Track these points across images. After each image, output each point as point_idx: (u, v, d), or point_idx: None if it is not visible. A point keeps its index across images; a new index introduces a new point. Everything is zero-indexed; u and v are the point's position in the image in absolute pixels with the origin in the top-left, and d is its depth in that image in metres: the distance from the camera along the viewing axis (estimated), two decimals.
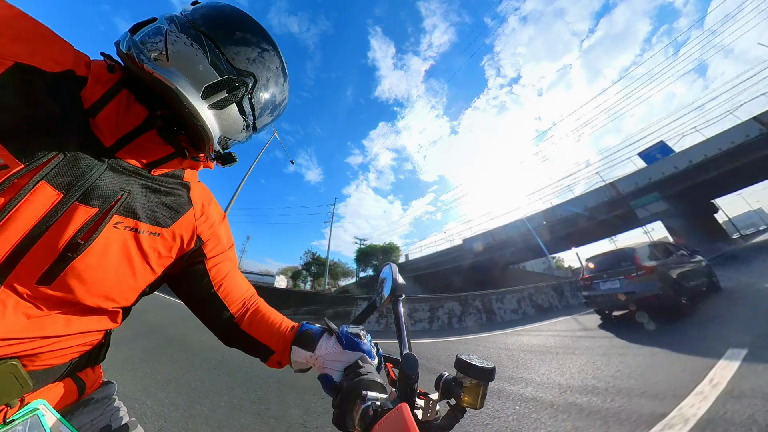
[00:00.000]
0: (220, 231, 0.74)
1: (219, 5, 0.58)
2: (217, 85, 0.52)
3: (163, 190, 0.59)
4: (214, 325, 0.73)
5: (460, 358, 0.55)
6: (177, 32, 0.51)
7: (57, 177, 0.45)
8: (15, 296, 0.44)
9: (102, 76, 0.52)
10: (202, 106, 0.51)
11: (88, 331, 0.53)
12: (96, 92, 0.50)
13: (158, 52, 0.48)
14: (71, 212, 0.46)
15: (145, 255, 0.56)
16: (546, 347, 4.87)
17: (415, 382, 0.55)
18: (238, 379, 3.53)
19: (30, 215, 0.43)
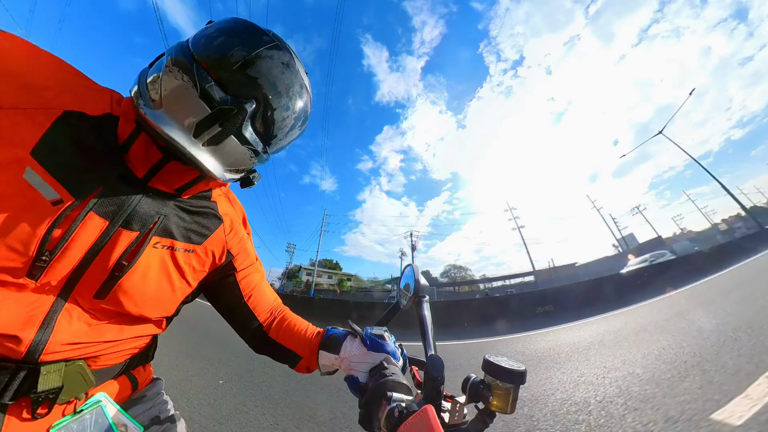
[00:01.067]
0: (247, 245, 0.78)
1: (223, 22, 0.55)
2: (207, 121, 0.48)
3: (193, 211, 0.64)
4: (245, 333, 0.77)
5: (488, 360, 0.53)
6: (171, 66, 0.48)
7: (103, 207, 0.50)
8: (78, 308, 0.51)
9: (129, 113, 0.54)
10: (194, 147, 0.48)
11: (137, 336, 0.60)
12: (126, 130, 0.54)
13: (155, 92, 0.47)
14: (116, 237, 0.52)
15: (181, 270, 0.62)
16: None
17: (441, 384, 0.54)
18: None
19: (84, 242, 0.49)
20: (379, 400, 0.52)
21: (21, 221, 0.44)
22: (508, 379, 0.50)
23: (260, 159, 0.60)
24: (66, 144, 0.48)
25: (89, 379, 0.53)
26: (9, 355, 0.45)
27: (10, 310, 0.45)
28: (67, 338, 0.49)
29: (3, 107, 0.44)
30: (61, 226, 0.46)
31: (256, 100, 0.51)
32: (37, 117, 0.46)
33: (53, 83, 0.49)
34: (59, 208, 0.46)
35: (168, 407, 0.71)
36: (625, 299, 8.51)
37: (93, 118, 0.51)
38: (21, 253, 0.44)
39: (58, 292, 0.49)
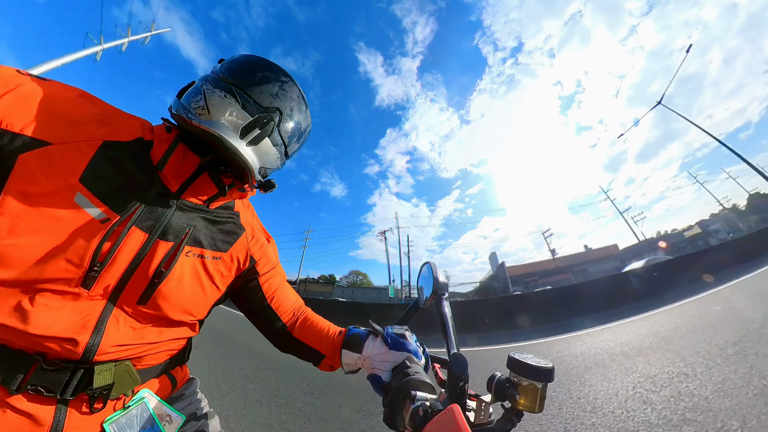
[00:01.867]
0: (269, 250, 0.84)
1: (239, 57, 0.66)
2: (251, 125, 0.59)
3: (219, 221, 0.70)
4: (269, 333, 0.82)
5: (513, 358, 0.52)
6: (212, 88, 0.59)
7: (142, 222, 0.56)
8: (124, 314, 0.57)
9: (163, 136, 0.63)
10: (241, 145, 0.58)
11: (175, 339, 0.66)
12: (160, 150, 0.62)
13: (200, 108, 0.57)
14: (155, 248, 0.58)
15: (211, 276, 0.68)
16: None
17: (465, 382, 0.53)
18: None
19: (128, 253, 0.55)
20: (403, 399, 0.52)
21: (76, 238, 0.50)
22: (536, 377, 0.48)
23: (282, 161, 0.71)
24: (107, 169, 0.55)
25: (135, 378, 0.59)
26: (68, 357, 0.51)
27: (68, 317, 0.50)
28: (115, 340, 0.55)
29: (55, 143, 0.51)
30: (109, 240, 0.52)
31: (279, 112, 0.64)
32: (82, 148, 0.53)
33: (92, 118, 0.56)
34: (107, 225, 0.52)
35: (203, 404, 0.76)
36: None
37: (127, 144, 0.59)
38: (77, 265, 0.50)
39: (107, 299, 0.55)
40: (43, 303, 0.49)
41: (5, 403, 0.48)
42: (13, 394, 0.48)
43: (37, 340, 0.48)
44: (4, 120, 0.47)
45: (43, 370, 0.49)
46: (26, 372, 0.49)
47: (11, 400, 0.48)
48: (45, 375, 0.50)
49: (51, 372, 0.50)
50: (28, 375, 0.49)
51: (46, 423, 0.50)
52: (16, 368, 0.48)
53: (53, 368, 0.50)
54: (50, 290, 0.49)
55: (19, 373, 0.48)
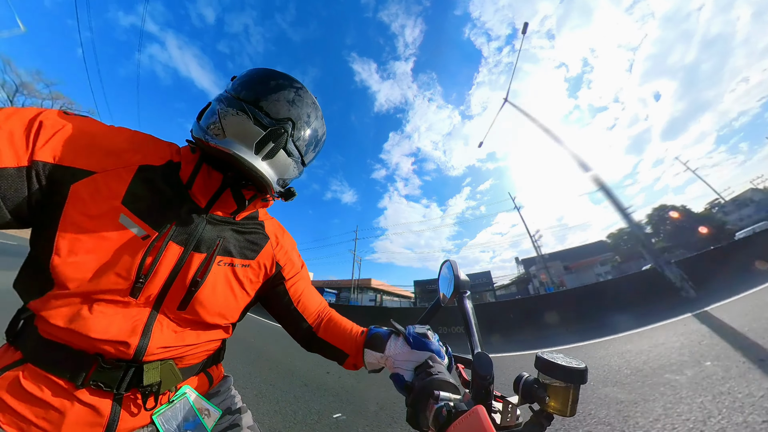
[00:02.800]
0: (293, 256, 0.88)
1: (249, 72, 0.67)
2: (264, 139, 0.60)
3: (246, 231, 0.75)
4: (296, 334, 0.86)
5: (542, 358, 0.49)
6: (225, 108, 0.61)
7: (178, 236, 0.62)
8: (167, 319, 0.62)
9: (188, 157, 0.68)
10: (257, 161, 0.60)
11: (211, 340, 0.71)
12: (187, 170, 0.67)
13: (216, 128, 0.59)
14: (190, 259, 0.63)
15: (241, 283, 0.72)
16: None
17: (491, 383, 0.51)
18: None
19: (167, 265, 0.61)
20: (426, 399, 0.51)
21: (123, 254, 0.56)
22: (567, 378, 0.45)
23: (299, 170, 0.73)
24: (144, 191, 0.60)
25: (178, 376, 0.65)
26: (122, 357, 0.57)
27: (120, 322, 0.57)
28: (160, 343, 0.61)
29: (99, 172, 0.57)
30: (150, 255, 0.58)
31: (291, 122, 0.64)
32: (122, 174, 0.59)
33: (128, 146, 0.62)
34: (147, 242, 0.58)
35: (236, 400, 0.81)
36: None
37: (159, 167, 0.64)
38: (125, 278, 0.56)
39: (151, 306, 0.60)
40: (99, 311, 0.55)
41: (73, 396, 0.54)
42: (79, 388, 0.55)
43: (95, 343, 0.55)
44: (57, 157, 0.53)
45: (101, 369, 0.56)
46: (88, 370, 0.56)
47: (78, 393, 0.55)
48: (103, 373, 0.56)
49: (108, 370, 0.57)
50: (89, 373, 0.56)
51: (106, 414, 0.57)
52: (80, 367, 0.55)
53: (110, 367, 0.57)
54: (104, 300, 0.56)
55: (82, 371, 0.55)
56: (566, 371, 0.45)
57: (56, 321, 0.53)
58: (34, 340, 0.56)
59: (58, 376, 0.54)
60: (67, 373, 0.55)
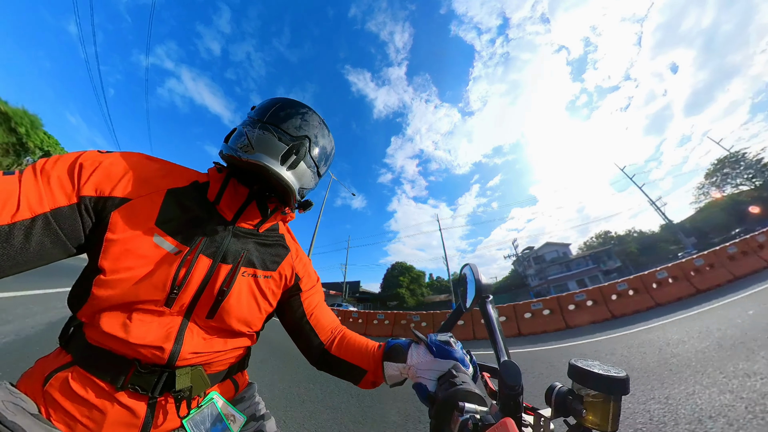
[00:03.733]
0: (310, 269, 0.91)
1: (267, 101, 0.77)
2: (288, 152, 0.68)
3: (268, 243, 0.79)
4: (306, 349, 0.86)
5: (575, 366, 0.45)
6: (251, 129, 0.69)
7: (207, 249, 0.67)
8: (197, 327, 0.66)
9: (215, 176, 0.75)
10: (282, 170, 0.67)
11: (236, 348, 0.74)
12: (215, 188, 0.73)
13: (246, 146, 0.67)
14: (218, 270, 0.68)
15: (263, 293, 0.76)
16: None
17: (519, 394, 0.48)
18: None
19: (198, 277, 0.65)
20: (451, 411, 0.48)
21: (158, 269, 0.61)
22: (605, 389, 0.41)
23: (315, 181, 0.79)
24: (174, 211, 0.66)
25: (206, 381, 0.68)
26: (157, 362, 0.62)
27: (156, 330, 0.61)
28: (191, 349, 0.64)
29: (134, 198, 0.63)
30: (183, 267, 0.63)
31: (308, 139, 0.73)
32: (153, 198, 0.65)
33: (156, 173, 0.68)
34: (180, 256, 0.63)
35: (261, 407, 0.83)
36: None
37: (186, 188, 0.71)
38: (161, 289, 0.61)
39: (183, 315, 0.65)
40: (139, 319, 0.60)
41: (113, 397, 0.59)
42: (118, 391, 0.59)
43: (134, 348, 0.59)
44: (98, 189, 0.60)
45: (138, 373, 0.60)
46: (127, 374, 0.60)
47: (117, 395, 0.59)
48: (140, 377, 0.61)
49: (144, 374, 0.61)
50: (128, 376, 0.60)
51: (141, 416, 0.60)
52: (120, 370, 0.60)
53: (146, 371, 0.61)
54: (143, 309, 0.61)
55: (122, 374, 0.60)
56: (605, 381, 0.41)
57: (101, 328, 0.58)
58: (82, 346, 0.62)
59: (101, 379, 0.59)
60: (109, 376, 0.59)
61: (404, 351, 0.70)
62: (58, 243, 0.55)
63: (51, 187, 0.55)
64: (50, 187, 0.55)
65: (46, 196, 0.54)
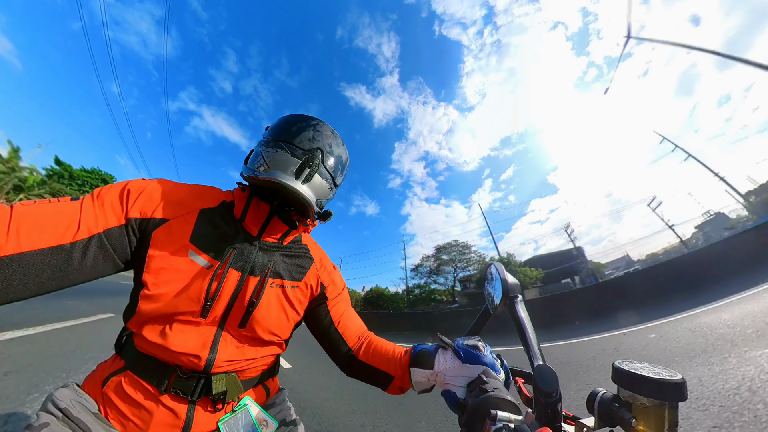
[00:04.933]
0: (335, 277, 0.92)
1: (279, 120, 0.79)
2: (301, 166, 0.69)
3: (292, 255, 0.82)
4: (336, 357, 0.87)
5: (620, 369, 0.40)
6: (266, 149, 0.72)
7: (236, 263, 0.70)
8: (230, 336, 0.70)
9: (240, 195, 0.78)
10: (297, 184, 0.68)
11: (267, 355, 0.77)
12: (240, 206, 0.76)
13: (262, 165, 0.69)
14: (247, 282, 0.71)
15: (291, 302, 0.78)
16: None
17: (557, 401, 0.44)
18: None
19: (229, 289, 0.69)
20: (482, 419, 0.45)
21: (194, 283, 0.66)
22: (657, 395, 0.36)
23: (332, 191, 0.80)
24: (206, 229, 0.70)
25: (240, 387, 0.71)
26: (195, 368, 0.66)
27: (194, 339, 0.66)
28: (225, 356, 0.68)
29: (171, 218, 0.68)
30: (215, 281, 0.67)
31: (320, 151, 0.73)
32: (188, 218, 0.70)
33: (189, 196, 0.73)
34: (212, 270, 0.67)
35: (291, 412, 0.84)
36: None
37: (215, 208, 0.75)
38: (196, 301, 0.65)
39: (217, 325, 0.69)
40: (178, 329, 0.65)
41: (159, 400, 0.64)
42: (163, 394, 0.65)
43: (175, 355, 0.64)
44: (142, 211, 0.66)
45: (180, 378, 0.65)
46: (170, 379, 0.65)
47: (162, 398, 0.64)
48: (181, 382, 0.66)
49: (184, 379, 0.66)
50: (171, 381, 0.65)
51: (182, 417, 0.65)
52: (163, 375, 0.65)
53: (186, 377, 0.66)
54: (181, 320, 0.66)
55: (165, 379, 0.65)
56: (657, 385, 0.36)
57: (147, 337, 0.64)
58: (132, 353, 0.68)
59: (148, 383, 0.65)
60: (154, 380, 0.65)
61: (431, 357, 0.67)
62: (109, 259, 0.62)
63: (104, 211, 0.62)
64: (104, 211, 0.62)
65: (100, 218, 0.61)
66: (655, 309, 6.46)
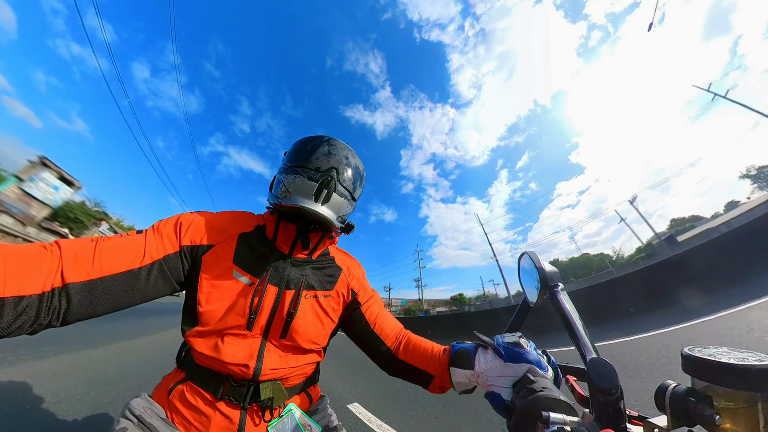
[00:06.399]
0: (365, 282, 0.96)
1: (294, 145, 0.83)
2: (319, 189, 0.73)
3: (322, 267, 0.87)
4: (376, 358, 0.88)
5: (691, 356, 0.34)
6: (285, 175, 0.78)
7: (273, 279, 0.77)
8: (273, 346, 0.76)
9: (269, 219, 0.85)
10: (317, 207, 0.72)
11: (308, 363, 0.82)
12: (271, 229, 0.83)
13: (284, 192, 0.75)
14: (284, 296, 0.77)
15: (325, 311, 0.84)
16: None
17: (619, 399, 0.38)
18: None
19: (269, 303, 0.75)
20: (533, 422, 0.41)
21: (239, 299, 0.73)
22: (745, 384, 0.30)
23: (352, 206, 0.84)
24: (245, 251, 0.78)
25: (285, 393, 0.76)
26: (245, 377, 0.72)
27: (242, 350, 0.72)
28: (270, 365, 0.73)
29: (216, 244, 0.76)
30: (257, 296, 0.73)
31: (335, 169, 0.76)
32: (229, 243, 0.77)
33: (230, 223, 0.81)
34: (253, 287, 0.74)
35: (333, 418, 0.87)
36: None
37: (252, 231, 0.82)
38: (242, 315, 0.72)
39: (261, 336, 0.75)
40: (228, 342, 0.72)
41: (215, 406, 0.71)
42: (219, 401, 0.71)
43: (227, 366, 0.71)
44: (192, 240, 0.74)
45: (232, 387, 0.72)
46: (223, 387, 0.71)
47: (218, 405, 0.71)
48: (233, 390, 0.72)
49: (236, 388, 0.72)
50: (224, 389, 0.71)
51: (236, 422, 0.71)
52: (218, 384, 0.72)
53: (237, 385, 0.72)
54: (231, 333, 0.73)
55: (220, 387, 0.72)
56: (747, 374, 0.30)
57: (202, 350, 0.72)
58: (192, 365, 0.76)
59: (206, 391, 0.72)
60: (211, 388, 0.72)
61: (470, 356, 0.64)
62: (167, 281, 0.71)
63: (163, 240, 0.72)
64: (162, 241, 0.71)
65: (160, 246, 0.70)
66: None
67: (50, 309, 0.52)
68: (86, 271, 0.56)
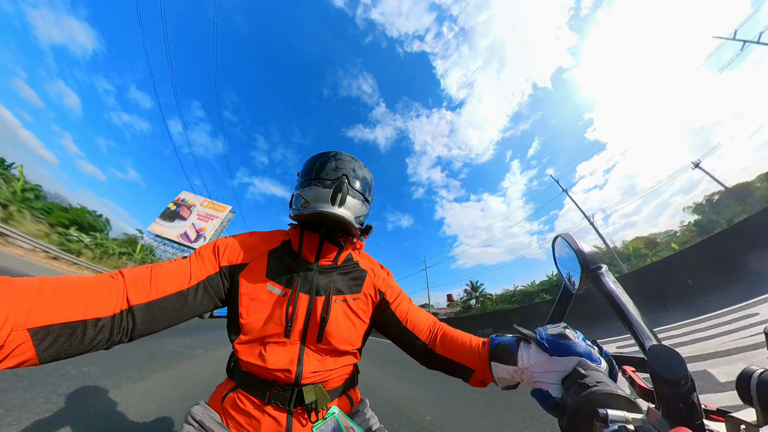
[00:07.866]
0: (391, 282, 0.98)
1: (305, 164, 0.90)
2: (334, 193, 0.78)
3: (347, 271, 0.91)
4: (414, 353, 0.88)
5: None
6: (301, 189, 0.84)
7: (303, 288, 0.82)
8: (311, 350, 0.80)
9: (293, 233, 0.91)
10: (335, 209, 0.77)
11: (345, 365, 0.85)
12: (296, 241, 0.88)
13: (303, 204, 0.81)
14: (316, 302, 0.82)
15: (356, 313, 0.87)
16: None
17: (691, 391, 0.33)
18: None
19: (302, 311, 0.80)
20: (589, 421, 0.38)
21: (275, 309, 0.78)
22: None
23: (366, 207, 0.88)
24: (276, 265, 0.84)
25: (326, 396, 0.78)
26: (288, 382, 0.76)
27: (284, 356, 0.77)
28: (310, 369, 0.77)
29: (250, 262, 0.83)
30: (290, 305, 0.78)
31: (346, 176, 0.82)
32: (261, 259, 0.84)
33: (260, 242, 0.88)
34: (287, 297, 0.79)
35: (374, 421, 0.88)
36: None
37: (279, 246, 0.88)
38: (279, 324, 0.77)
39: (299, 342, 0.79)
40: (270, 349, 0.77)
41: (264, 410, 0.75)
42: (266, 405, 0.76)
43: (271, 372, 0.75)
44: (229, 260, 0.81)
45: (277, 391, 0.76)
46: (270, 392, 0.76)
47: (267, 409, 0.75)
48: (279, 394, 0.76)
49: (281, 392, 0.76)
50: (270, 394, 0.76)
51: (283, 425, 0.75)
52: (265, 390, 0.76)
53: (282, 390, 0.76)
54: (272, 342, 0.78)
55: (267, 392, 0.76)
56: None
57: (248, 358, 0.77)
58: (240, 373, 0.81)
59: (254, 397, 0.77)
60: (259, 394, 0.77)
61: (512, 351, 0.60)
62: (211, 299, 0.77)
63: (204, 263, 0.78)
64: (204, 264, 0.78)
65: (202, 268, 0.77)
66: None
67: (120, 328, 0.59)
68: (146, 294, 0.63)
